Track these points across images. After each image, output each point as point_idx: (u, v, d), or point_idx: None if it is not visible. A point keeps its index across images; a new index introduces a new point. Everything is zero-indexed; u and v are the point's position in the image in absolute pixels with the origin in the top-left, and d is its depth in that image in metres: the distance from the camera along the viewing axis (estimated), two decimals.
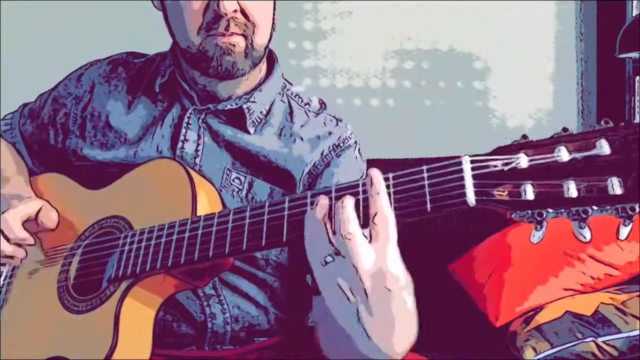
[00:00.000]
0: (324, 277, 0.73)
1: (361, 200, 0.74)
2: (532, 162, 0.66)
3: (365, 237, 0.71)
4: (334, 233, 0.72)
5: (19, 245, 1.04)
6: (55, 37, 2.30)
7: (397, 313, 0.72)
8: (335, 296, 0.72)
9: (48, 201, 1.08)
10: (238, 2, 1.01)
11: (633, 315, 1.59)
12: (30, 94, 1.30)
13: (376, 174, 0.73)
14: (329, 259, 0.72)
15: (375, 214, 0.71)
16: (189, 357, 1.10)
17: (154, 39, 1.19)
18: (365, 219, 0.73)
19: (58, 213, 1.07)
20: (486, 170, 0.68)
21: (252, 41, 1.04)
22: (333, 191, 0.77)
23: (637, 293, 1.66)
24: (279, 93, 1.17)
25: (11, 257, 1.04)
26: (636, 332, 1.56)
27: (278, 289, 1.13)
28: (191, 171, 0.97)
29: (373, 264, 0.70)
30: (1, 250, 1.02)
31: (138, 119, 1.14)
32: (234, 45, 1.02)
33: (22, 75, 2.22)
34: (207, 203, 0.94)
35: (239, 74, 1.05)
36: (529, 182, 0.66)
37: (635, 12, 2.37)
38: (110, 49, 1.25)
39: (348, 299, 0.71)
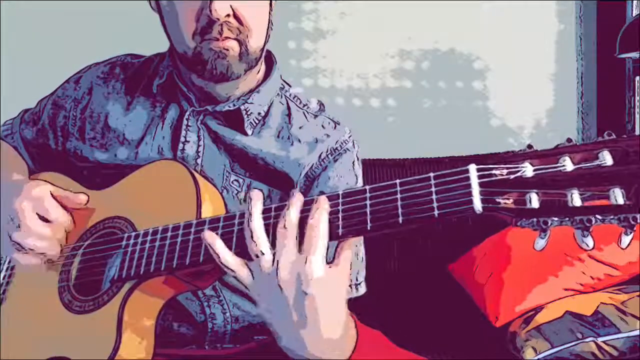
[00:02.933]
0: (255, 268, 0.78)
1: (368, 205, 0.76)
2: (537, 172, 0.67)
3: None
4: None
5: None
6: (55, 39, 2.29)
7: (310, 316, 0.76)
8: (260, 292, 0.78)
9: None
10: (231, 7, 1.00)
11: (633, 315, 1.59)
12: (30, 95, 1.30)
13: (322, 197, 0.77)
14: (256, 256, 0.77)
15: (311, 224, 0.75)
16: (189, 356, 1.10)
17: (153, 42, 1.19)
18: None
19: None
20: (492, 179, 0.69)
21: (246, 45, 1.03)
22: (340, 196, 0.78)
23: (637, 293, 1.66)
24: (278, 94, 1.17)
25: (39, 252, 0.98)
26: (636, 332, 1.56)
27: None
28: (195, 172, 0.97)
29: (293, 264, 0.75)
30: (38, 233, 0.97)
31: (137, 119, 1.14)
32: (227, 50, 1.02)
33: (22, 76, 2.22)
34: (211, 204, 0.94)
35: (234, 77, 1.05)
36: (534, 190, 0.67)
37: (635, 12, 2.37)
38: (111, 51, 1.25)
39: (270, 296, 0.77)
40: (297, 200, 0.77)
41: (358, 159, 1.17)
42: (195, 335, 1.10)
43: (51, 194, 1.01)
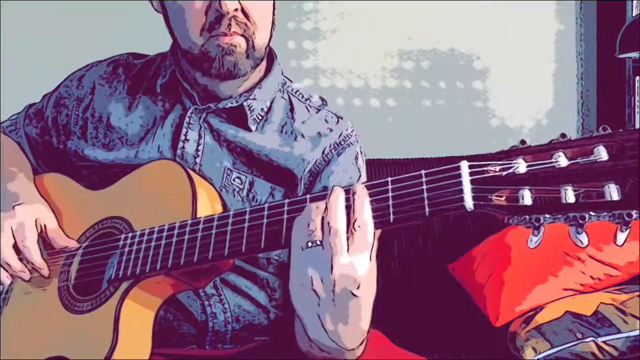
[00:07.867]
0: (297, 260, 0.76)
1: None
2: (531, 168, 0.66)
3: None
4: (323, 223, 0.75)
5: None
6: (55, 38, 2.30)
7: (353, 314, 0.77)
8: (302, 281, 0.76)
9: (48, 201, 1.09)
10: (239, 2, 1.01)
11: (633, 315, 1.59)
12: (30, 94, 1.30)
13: (360, 186, 0.76)
14: (310, 244, 0.75)
15: (355, 220, 0.74)
16: (190, 356, 1.10)
17: (153, 41, 1.20)
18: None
19: (56, 215, 1.08)
20: (484, 175, 0.69)
21: (252, 42, 1.05)
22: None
23: (637, 293, 1.65)
24: (279, 90, 1.17)
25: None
26: (636, 332, 1.56)
27: (279, 288, 1.13)
28: (191, 172, 0.97)
29: (347, 266, 0.73)
30: (10, 267, 1.02)
31: (139, 119, 1.15)
32: (235, 46, 1.03)
33: (22, 75, 2.22)
34: (207, 204, 0.94)
35: (241, 74, 1.06)
36: (527, 187, 0.66)
37: (635, 12, 2.37)
38: (111, 51, 1.25)
39: (314, 289, 0.75)
40: (339, 195, 0.76)
41: (361, 153, 1.17)
42: (196, 335, 1.10)
43: (36, 224, 1.04)
